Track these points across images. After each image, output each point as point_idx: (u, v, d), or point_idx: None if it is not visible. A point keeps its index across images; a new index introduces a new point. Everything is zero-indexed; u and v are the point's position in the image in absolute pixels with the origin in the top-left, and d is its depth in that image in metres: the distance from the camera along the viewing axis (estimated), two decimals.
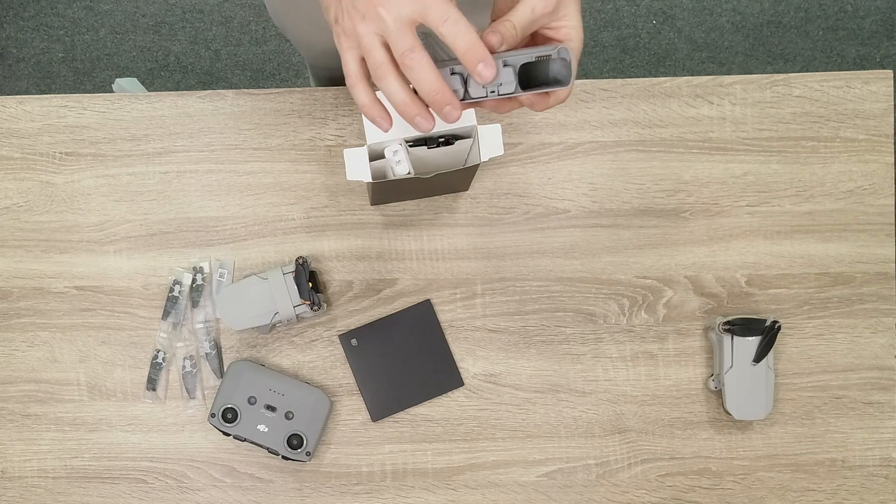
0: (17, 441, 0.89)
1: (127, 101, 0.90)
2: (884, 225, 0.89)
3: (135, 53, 1.83)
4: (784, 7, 1.83)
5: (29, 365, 0.89)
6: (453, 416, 0.89)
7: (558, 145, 0.90)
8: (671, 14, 1.82)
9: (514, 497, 0.88)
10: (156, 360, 0.88)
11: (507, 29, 0.56)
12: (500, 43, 0.56)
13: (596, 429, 0.89)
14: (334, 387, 0.89)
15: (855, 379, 0.89)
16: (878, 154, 0.89)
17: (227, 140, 0.89)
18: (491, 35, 0.56)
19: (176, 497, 0.88)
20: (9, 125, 0.90)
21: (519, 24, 0.57)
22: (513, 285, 0.89)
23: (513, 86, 0.57)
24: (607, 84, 0.90)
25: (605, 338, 0.89)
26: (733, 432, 0.89)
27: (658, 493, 0.88)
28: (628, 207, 0.89)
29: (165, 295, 0.89)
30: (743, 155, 0.89)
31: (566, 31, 0.59)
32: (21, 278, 0.89)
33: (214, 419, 0.84)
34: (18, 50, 1.83)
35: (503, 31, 0.56)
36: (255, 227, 0.89)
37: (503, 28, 0.56)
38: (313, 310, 0.84)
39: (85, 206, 0.89)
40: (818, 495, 0.89)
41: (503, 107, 0.60)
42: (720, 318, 0.86)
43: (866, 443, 0.89)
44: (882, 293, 0.89)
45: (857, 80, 0.90)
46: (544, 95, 0.60)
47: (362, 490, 0.88)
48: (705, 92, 0.90)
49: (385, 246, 0.89)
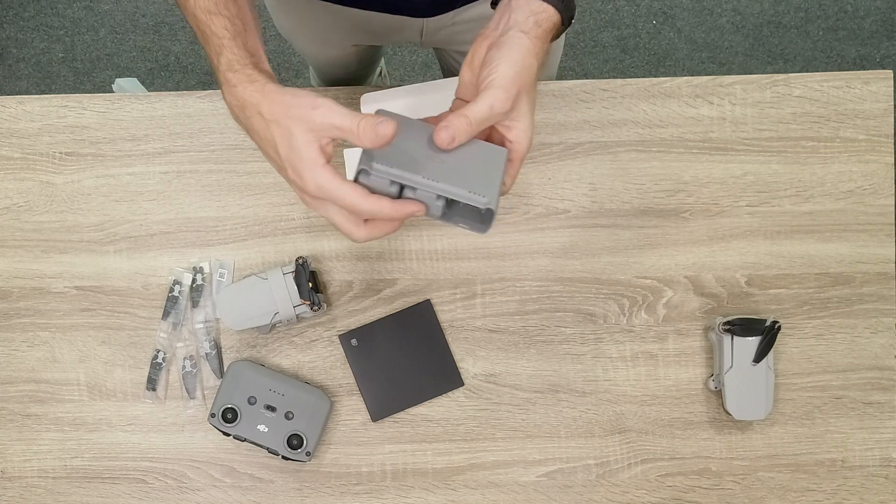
0: (17, 441, 0.89)
1: (127, 101, 0.90)
2: (884, 225, 0.89)
3: (135, 53, 1.83)
4: (784, 7, 1.83)
5: (29, 365, 0.89)
6: (453, 416, 0.89)
7: (558, 145, 0.90)
8: (671, 14, 1.82)
9: (514, 497, 0.88)
10: (156, 360, 0.88)
11: (461, 125, 0.59)
12: (450, 141, 0.59)
13: (596, 429, 0.89)
14: (334, 387, 0.89)
15: (855, 379, 0.89)
16: (878, 154, 0.89)
17: (227, 140, 0.89)
18: (443, 132, 0.59)
19: (176, 497, 0.88)
20: (9, 125, 0.90)
21: (475, 120, 0.59)
22: (513, 285, 0.89)
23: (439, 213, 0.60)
24: (607, 84, 0.90)
25: (605, 338, 0.89)
26: (733, 432, 0.89)
27: (658, 493, 0.88)
28: (628, 207, 0.89)
29: (165, 295, 0.89)
30: (743, 155, 0.89)
31: (516, 133, 0.62)
32: (21, 278, 0.89)
33: (214, 419, 0.84)
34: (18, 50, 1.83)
35: (456, 128, 0.59)
36: (255, 227, 0.89)
37: (458, 123, 0.59)
38: (313, 310, 0.84)
39: (85, 206, 0.89)
40: (818, 495, 0.89)
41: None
42: (720, 318, 0.86)
43: (866, 443, 0.89)
44: (882, 293, 0.89)
45: (857, 80, 0.90)
46: None
47: (362, 490, 0.88)
48: (705, 92, 0.90)
49: (385, 246, 0.89)
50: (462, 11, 0.91)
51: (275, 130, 0.58)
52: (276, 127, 0.58)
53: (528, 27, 0.61)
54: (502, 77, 0.60)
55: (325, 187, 0.57)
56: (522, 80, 0.60)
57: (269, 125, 0.58)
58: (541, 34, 0.62)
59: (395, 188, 0.59)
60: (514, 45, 0.61)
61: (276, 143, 0.58)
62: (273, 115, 0.58)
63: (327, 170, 0.57)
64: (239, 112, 0.61)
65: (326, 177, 0.57)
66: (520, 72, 0.60)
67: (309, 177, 0.57)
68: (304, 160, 0.57)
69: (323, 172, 0.57)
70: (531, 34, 0.61)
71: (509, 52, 0.61)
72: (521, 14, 0.62)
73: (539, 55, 0.62)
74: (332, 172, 0.57)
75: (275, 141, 0.58)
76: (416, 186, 0.58)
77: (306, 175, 0.57)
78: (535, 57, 0.61)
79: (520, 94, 0.60)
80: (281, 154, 0.58)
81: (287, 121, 0.58)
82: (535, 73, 0.62)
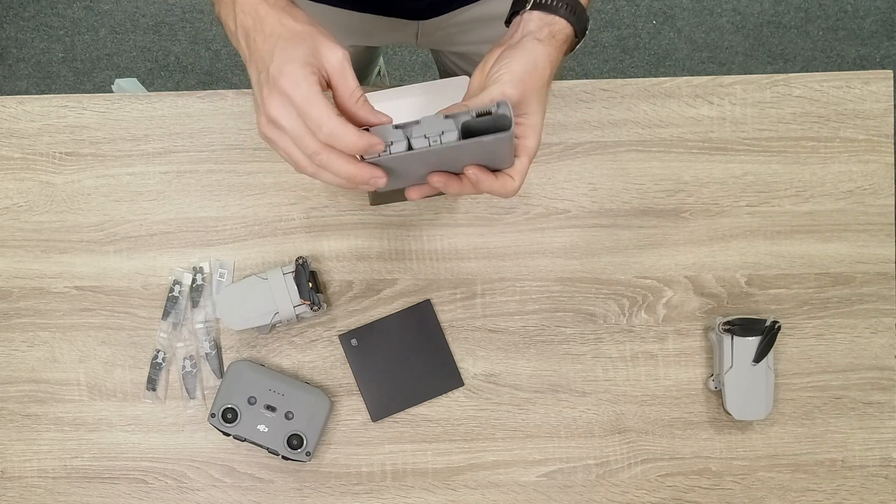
0: (17, 441, 0.89)
1: (127, 101, 0.90)
2: (884, 225, 0.89)
3: (135, 53, 1.82)
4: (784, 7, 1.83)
5: (29, 365, 0.89)
6: (453, 416, 0.89)
7: (558, 145, 0.90)
8: (671, 14, 1.82)
9: (514, 497, 0.88)
10: (156, 360, 0.88)
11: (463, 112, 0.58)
12: None
13: (596, 429, 0.89)
14: (334, 387, 0.89)
15: (855, 379, 0.89)
16: (878, 154, 0.89)
17: (227, 140, 0.89)
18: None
19: (176, 497, 0.88)
20: (9, 125, 0.90)
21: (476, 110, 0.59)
22: (513, 285, 0.89)
23: (454, 134, 0.56)
24: (607, 84, 0.90)
25: (605, 338, 0.89)
26: (733, 432, 0.89)
27: (658, 494, 0.88)
28: (628, 207, 0.89)
29: (165, 295, 0.89)
30: (743, 155, 0.90)
31: (523, 129, 0.61)
32: (21, 278, 0.89)
33: (214, 419, 0.84)
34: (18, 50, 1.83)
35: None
36: (255, 227, 0.89)
37: (459, 112, 0.58)
38: (313, 310, 0.84)
39: (85, 206, 0.89)
40: (818, 495, 0.89)
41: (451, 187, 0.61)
42: (720, 319, 0.86)
43: (866, 443, 0.89)
44: (882, 293, 0.89)
45: (857, 80, 0.90)
46: (490, 173, 0.60)
47: (362, 490, 0.88)
48: (705, 92, 0.90)
49: (385, 246, 0.89)
50: (458, 14, 0.91)
51: (283, 31, 0.56)
52: (287, 29, 0.56)
53: (542, 35, 0.62)
54: (511, 73, 0.60)
55: (304, 91, 0.54)
56: (532, 81, 0.60)
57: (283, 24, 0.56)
58: (556, 44, 0.62)
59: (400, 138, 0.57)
60: (529, 48, 0.61)
61: (278, 40, 0.55)
62: (292, 20, 0.56)
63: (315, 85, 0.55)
64: (251, 8, 0.58)
65: (310, 84, 0.54)
66: (530, 72, 0.60)
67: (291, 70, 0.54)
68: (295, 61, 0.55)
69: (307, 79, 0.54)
70: (546, 42, 0.62)
71: (523, 52, 0.61)
72: (536, 24, 0.62)
73: (553, 62, 0.62)
74: (319, 88, 0.55)
75: (278, 37, 0.56)
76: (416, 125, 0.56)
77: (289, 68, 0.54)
78: (548, 63, 0.61)
79: (528, 93, 0.60)
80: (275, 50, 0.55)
81: (304, 32, 0.56)
82: (547, 78, 0.62)
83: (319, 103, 0.54)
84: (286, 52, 0.55)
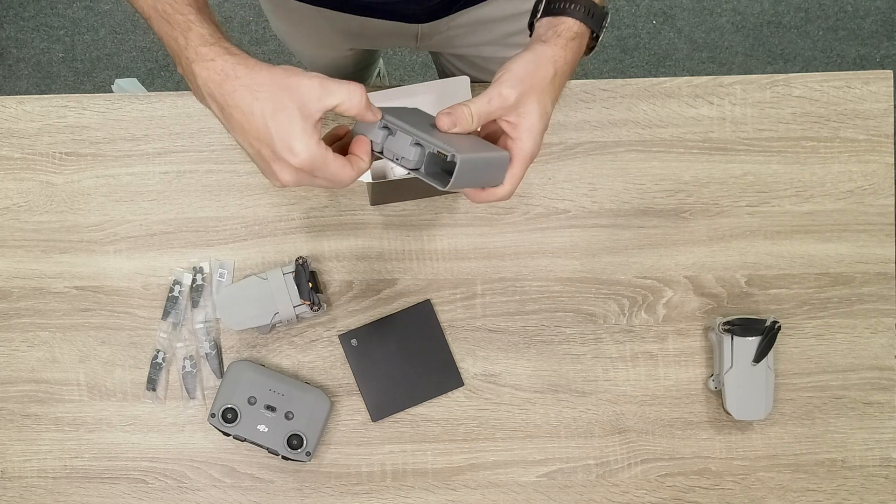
0: (17, 441, 0.89)
1: (127, 101, 0.90)
2: (884, 225, 0.89)
3: (135, 53, 1.82)
4: (784, 7, 1.83)
5: (29, 365, 0.89)
6: (453, 416, 0.89)
7: (558, 145, 0.90)
8: (671, 14, 1.82)
9: (514, 497, 0.88)
10: (156, 360, 0.88)
11: (462, 114, 0.59)
12: (451, 125, 0.59)
13: (596, 429, 0.89)
14: (334, 387, 0.89)
15: (855, 379, 0.89)
16: (878, 154, 0.89)
17: (227, 140, 0.89)
18: (444, 117, 0.59)
19: (176, 497, 0.88)
20: (9, 125, 0.90)
21: (475, 113, 0.60)
22: (513, 285, 0.89)
23: (413, 163, 0.59)
24: (607, 84, 0.90)
25: (605, 338, 0.89)
26: (733, 432, 0.89)
27: (658, 493, 0.88)
28: (628, 207, 0.89)
29: (165, 295, 0.89)
30: (743, 155, 0.89)
31: (519, 132, 0.61)
32: (21, 278, 0.89)
33: (214, 419, 0.84)
34: (18, 50, 1.83)
35: (458, 115, 0.59)
36: (255, 227, 0.89)
37: (459, 112, 0.59)
38: (313, 310, 0.84)
39: (85, 206, 0.89)
40: (818, 495, 0.89)
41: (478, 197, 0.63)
42: (720, 319, 0.86)
43: (866, 443, 0.89)
44: (882, 293, 0.89)
45: (857, 81, 0.90)
46: (479, 190, 0.62)
47: (362, 490, 0.88)
48: (705, 92, 0.90)
49: (385, 246, 0.89)
50: (457, 17, 0.91)
51: (265, 104, 0.56)
52: (266, 100, 0.56)
53: (547, 37, 0.63)
54: (510, 73, 0.60)
55: (317, 159, 0.56)
56: (532, 81, 0.60)
57: (258, 97, 0.56)
58: (561, 42, 0.63)
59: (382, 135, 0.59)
60: (531, 49, 0.62)
61: (266, 116, 0.56)
62: (263, 87, 0.56)
63: (321, 144, 0.56)
64: (215, 87, 0.58)
65: (320, 151, 0.56)
66: (531, 72, 0.61)
67: (302, 148, 0.55)
68: (297, 132, 0.55)
69: (318, 147, 0.56)
70: (550, 42, 0.63)
71: (525, 54, 0.62)
72: (543, 28, 0.64)
73: (558, 62, 0.62)
74: (324, 146, 0.56)
75: (263, 113, 0.56)
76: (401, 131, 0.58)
77: (298, 146, 0.55)
78: (552, 63, 0.62)
79: (527, 93, 0.60)
80: (270, 128, 0.56)
81: (281, 94, 0.56)
82: (550, 77, 0.62)
83: (329, 163, 0.56)
84: (280, 124, 0.56)
